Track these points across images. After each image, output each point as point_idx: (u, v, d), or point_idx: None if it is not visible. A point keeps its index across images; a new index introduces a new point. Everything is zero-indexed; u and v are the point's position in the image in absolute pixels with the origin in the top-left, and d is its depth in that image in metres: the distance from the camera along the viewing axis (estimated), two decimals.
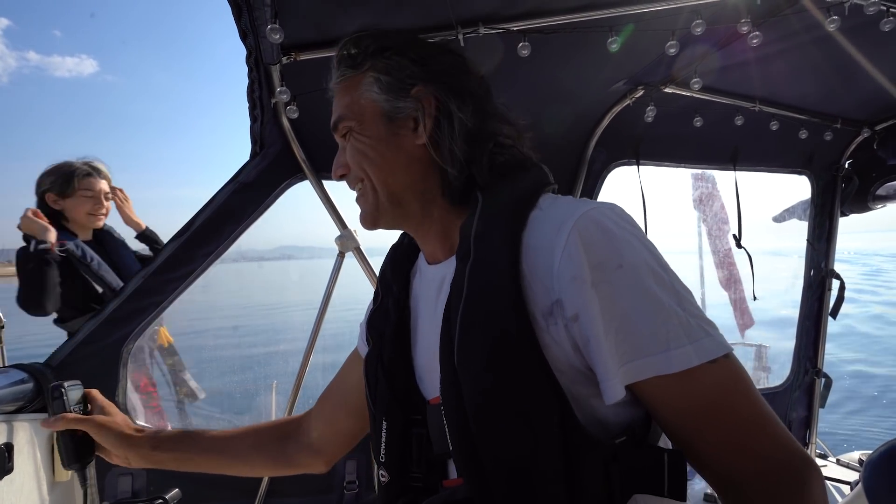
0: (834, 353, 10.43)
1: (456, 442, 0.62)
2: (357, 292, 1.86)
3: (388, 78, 0.73)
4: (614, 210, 0.62)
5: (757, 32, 1.22)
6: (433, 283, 0.77)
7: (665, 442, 0.65)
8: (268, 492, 1.63)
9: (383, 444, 0.76)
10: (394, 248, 0.91)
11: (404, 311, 0.82)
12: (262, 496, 1.63)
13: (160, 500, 1.41)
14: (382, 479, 0.77)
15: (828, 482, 2.28)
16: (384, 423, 0.76)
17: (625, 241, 0.59)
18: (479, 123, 0.74)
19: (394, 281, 0.84)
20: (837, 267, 2.35)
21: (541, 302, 0.60)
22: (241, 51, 1.23)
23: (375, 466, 0.78)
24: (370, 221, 0.78)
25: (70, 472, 1.41)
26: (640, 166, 1.99)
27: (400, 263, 0.87)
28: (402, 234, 0.91)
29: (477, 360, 0.60)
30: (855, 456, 2.48)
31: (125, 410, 1.56)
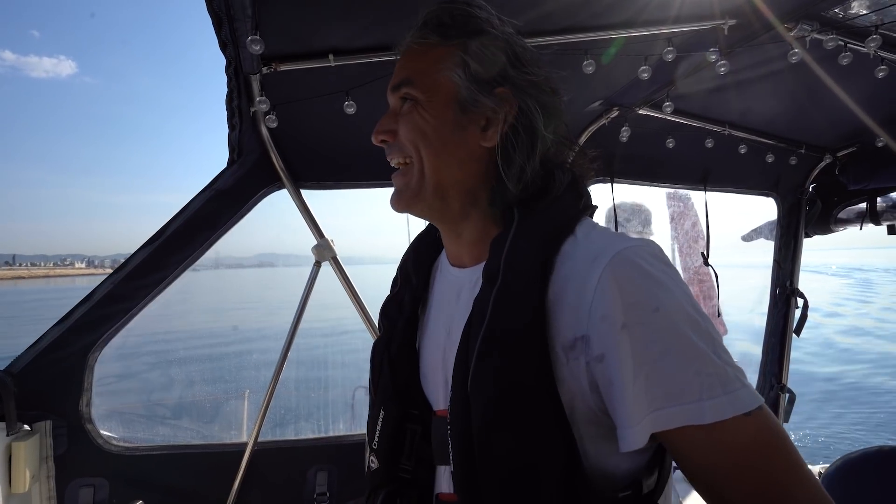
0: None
1: (458, 462, 0.61)
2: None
3: (477, 66, 0.68)
4: (651, 250, 0.59)
5: (724, 61, 1.27)
6: (453, 287, 0.76)
7: (666, 499, 0.64)
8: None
9: (378, 432, 0.76)
10: (419, 238, 0.88)
11: (420, 305, 0.81)
12: None
13: None
14: (372, 465, 0.78)
15: None
16: (382, 411, 0.76)
17: (661, 283, 0.57)
18: (555, 147, 0.71)
19: (415, 273, 0.82)
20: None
21: (564, 334, 0.58)
22: (216, 57, 1.24)
23: (367, 451, 0.79)
24: (405, 204, 0.73)
25: (27, 482, 1.37)
26: (615, 184, 2.04)
27: (423, 256, 0.84)
28: (429, 225, 0.88)
29: (490, 390, 0.59)
30: (815, 470, 2.55)
31: (90, 420, 1.52)
